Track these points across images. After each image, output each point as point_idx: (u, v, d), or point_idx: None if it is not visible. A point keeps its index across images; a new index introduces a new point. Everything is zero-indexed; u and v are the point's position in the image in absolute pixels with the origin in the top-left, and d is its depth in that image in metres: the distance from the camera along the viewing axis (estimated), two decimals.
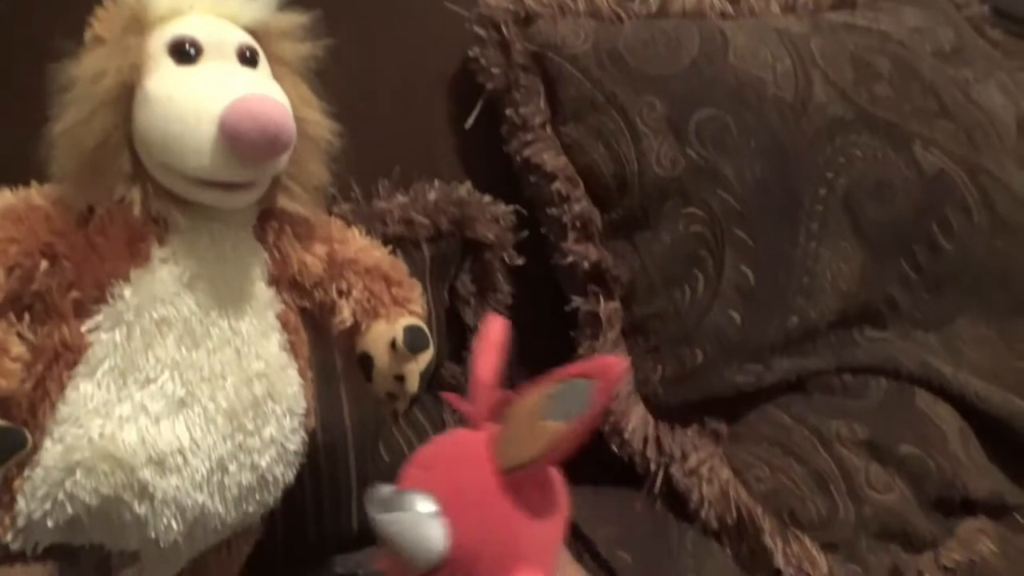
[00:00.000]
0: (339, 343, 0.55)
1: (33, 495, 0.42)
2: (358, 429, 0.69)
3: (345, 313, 0.53)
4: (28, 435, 0.41)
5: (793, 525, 0.73)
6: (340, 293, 0.53)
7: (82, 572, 0.45)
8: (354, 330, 0.53)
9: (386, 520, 0.42)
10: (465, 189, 0.77)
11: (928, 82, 0.88)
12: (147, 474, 0.42)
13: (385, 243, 0.58)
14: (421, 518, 0.41)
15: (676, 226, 0.79)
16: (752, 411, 0.80)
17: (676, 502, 0.76)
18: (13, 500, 0.42)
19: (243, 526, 0.50)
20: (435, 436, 0.47)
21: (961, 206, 0.85)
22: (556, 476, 0.47)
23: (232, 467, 0.46)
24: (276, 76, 0.48)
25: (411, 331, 0.51)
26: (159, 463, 0.43)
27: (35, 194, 0.45)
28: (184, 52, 0.44)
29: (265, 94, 0.43)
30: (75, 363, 0.43)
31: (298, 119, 0.45)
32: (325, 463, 0.66)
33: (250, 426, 0.46)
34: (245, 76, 0.45)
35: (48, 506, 0.42)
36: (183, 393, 0.44)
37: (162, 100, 0.42)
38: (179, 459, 0.43)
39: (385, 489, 0.45)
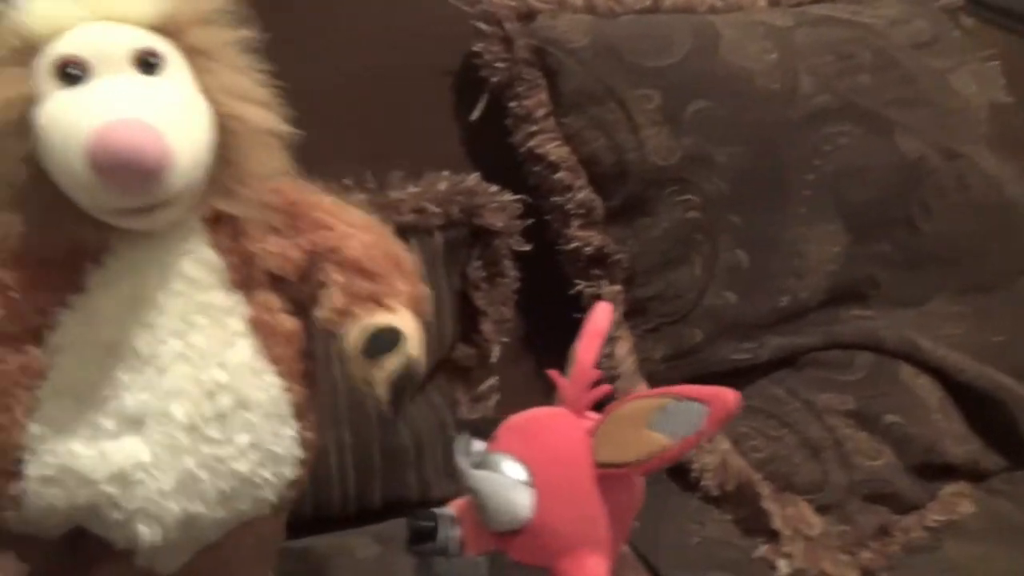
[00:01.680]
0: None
1: (25, 500, 0.44)
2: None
3: (321, 312, 0.50)
4: None
5: (789, 490, 0.77)
6: (321, 285, 0.50)
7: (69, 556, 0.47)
8: (331, 329, 0.50)
9: (480, 476, 0.45)
10: (473, 179, 0.80)
11: (906, 71, 0.92)
12: (111, 489, 0.44)
13: (399, 231, 0.56)
14: (514, 484, 0.44)
15: (673, 212, 0.83)
16: (748, 386, 0.84)
17: (679, 473, 0.80)
18: (17, 503, 0.45)
19: (252, 516, 0.50)
20: (534, 408, 0.49)
21: (938, 189, 0.90)
22: (639, 480, 0.49)
23: (204, 475, 0.46)
24: (198, 70, 0.44)
25: (373, 337, 0.48)
26: (120, 478, 0.44)
27: None
28: (68, 75, 0.40)
29: (132, 118, 0.39)
30: (36, 386, 0.44)
31: (225, 115, 0.44)
32: (351, 438, 0.70)
33: (218, 436, 0.46)
34: (131, 91, 0.41)
35: (36, 511, 0.44)
36: (139, 411, 0.44)
37: (45, 131, 0.40)
38: (141, 474, 0.44)
39: (476, 444, 0.47)
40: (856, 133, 0.88)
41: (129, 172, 0.38)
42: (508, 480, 0.44)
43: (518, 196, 0.82)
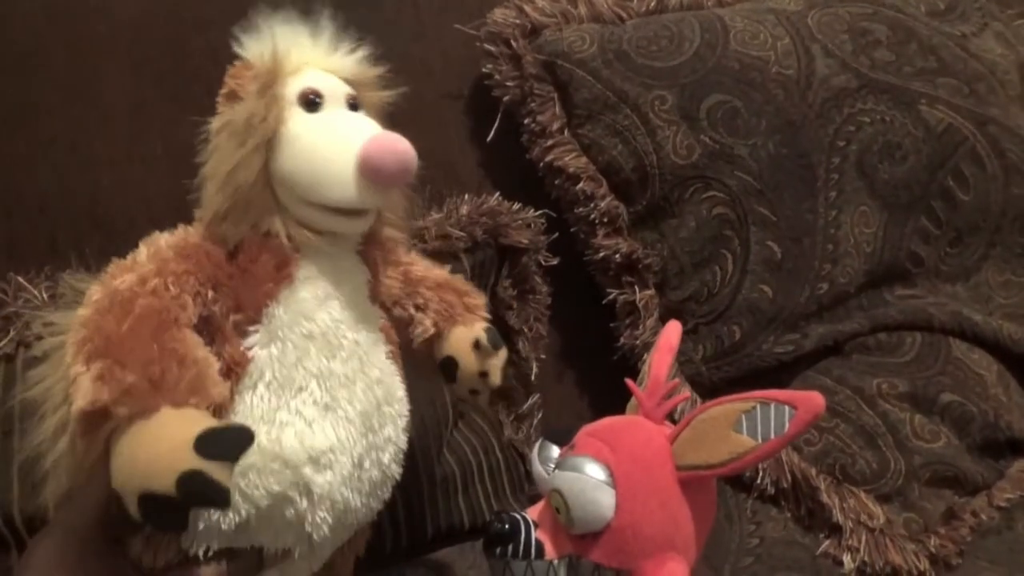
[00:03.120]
0: (418, 352, 0.59)
1: None
2: (421, 434, 0.72)
3: (427, 323, 0.58)
4: (253, 431, 0.44)
5: (847, 481, 0.75)
6: (417, 308, 0.58)
7: (241, 569, 0.48)
8: (435, 338, 0.58)
9: (563, 477, 0.46)
10: (495, 199, 0.81)
11: (926, 41, 0.90)
12: (308, 471, 0.46)
13: (427, 258, 0.62)
14: (597, 483, 0.45)
15: (699, 210, 0.82)
16: (794, 379, 0.83)
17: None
18: None
19: (363, 523, 0.54)
20: (612, 416, 0.50)
21: (973, 157, 0.87)
22: (713, 484, 0.49)
23: (367, 463, 0.50)
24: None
25: (491, 331, 0.58)
26: (315, 461, 0.47)
27: (189, 233, 0.50)
28: (311, 101, 0.50)
29: (392, 132, 0.48)
30: (240, 378, 0.47)
31: None
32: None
33: (376, 426, 0.51)
34: (362, 119, 0.51)
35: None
36: (328, 399, 0.48)
37: (303, 142, 0.48)
38: (330, 456, 0.48)
39: (554, 449, 0.48)
40: (879, 110, 0.86)
41: (400, 167, 0.47)
42: (591, 480, 0.45)
43: (541, 211, 0.82)
